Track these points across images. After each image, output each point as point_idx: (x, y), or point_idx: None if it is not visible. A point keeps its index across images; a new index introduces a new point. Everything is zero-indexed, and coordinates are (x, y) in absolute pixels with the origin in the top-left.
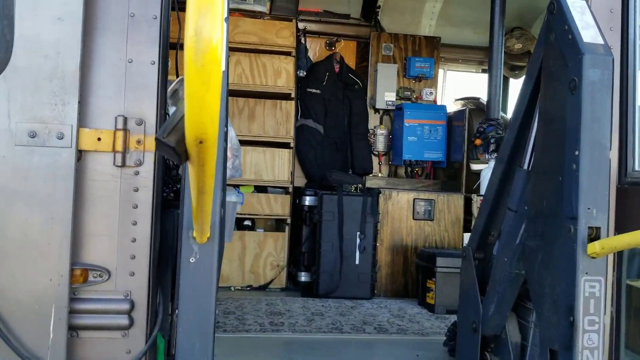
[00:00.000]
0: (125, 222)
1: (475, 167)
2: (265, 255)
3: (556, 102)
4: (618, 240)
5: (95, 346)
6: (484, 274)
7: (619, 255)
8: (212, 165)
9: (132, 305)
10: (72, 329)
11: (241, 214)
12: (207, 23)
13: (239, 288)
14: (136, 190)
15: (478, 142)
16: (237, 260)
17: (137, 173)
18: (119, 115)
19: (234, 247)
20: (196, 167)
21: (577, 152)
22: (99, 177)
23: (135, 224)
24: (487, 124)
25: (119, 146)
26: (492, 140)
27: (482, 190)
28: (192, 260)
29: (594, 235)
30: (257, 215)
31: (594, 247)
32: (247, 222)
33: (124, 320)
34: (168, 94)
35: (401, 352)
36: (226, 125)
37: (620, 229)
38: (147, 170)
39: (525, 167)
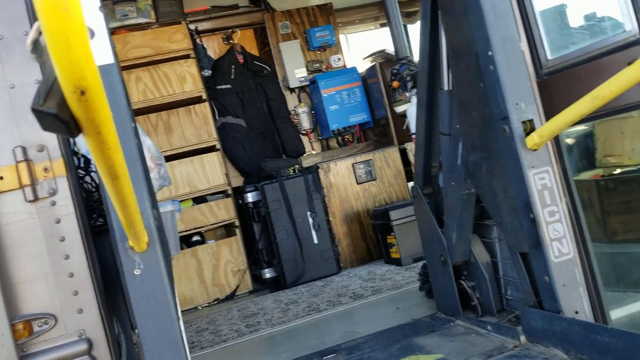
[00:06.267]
0: (56, 258)
1: (399, 109)
2: (223, 264)
3: (456, 13)
4: (554, 123)
5: None
6: (437, 207)
7: (557, 147)
8: (111, 128)
9: (90, 343)
10: None
11: (188, 230)
12: None
13: (207, 305)
14: (58, 221)
15: (396, 84)
16: (197, 277)
17: (53, 203)
18: (16, 147)
19: (189, 265)
20: (93, 137)
21: (490, 53)
22: (14, 218)
23: (67, 257)
24: (399, 64)
25: (26, 179)
26: (408, 78)
27: (413, 128)
28: (136, 272)
29: (529, 128)
30: (203, 227)
31: (533, 138)
32: (196, 238)
33: None
34: (28, 47)
35: (382, 311)
36: (132, 118)
37: None
38: (64, 197)
39: (446, 88)
